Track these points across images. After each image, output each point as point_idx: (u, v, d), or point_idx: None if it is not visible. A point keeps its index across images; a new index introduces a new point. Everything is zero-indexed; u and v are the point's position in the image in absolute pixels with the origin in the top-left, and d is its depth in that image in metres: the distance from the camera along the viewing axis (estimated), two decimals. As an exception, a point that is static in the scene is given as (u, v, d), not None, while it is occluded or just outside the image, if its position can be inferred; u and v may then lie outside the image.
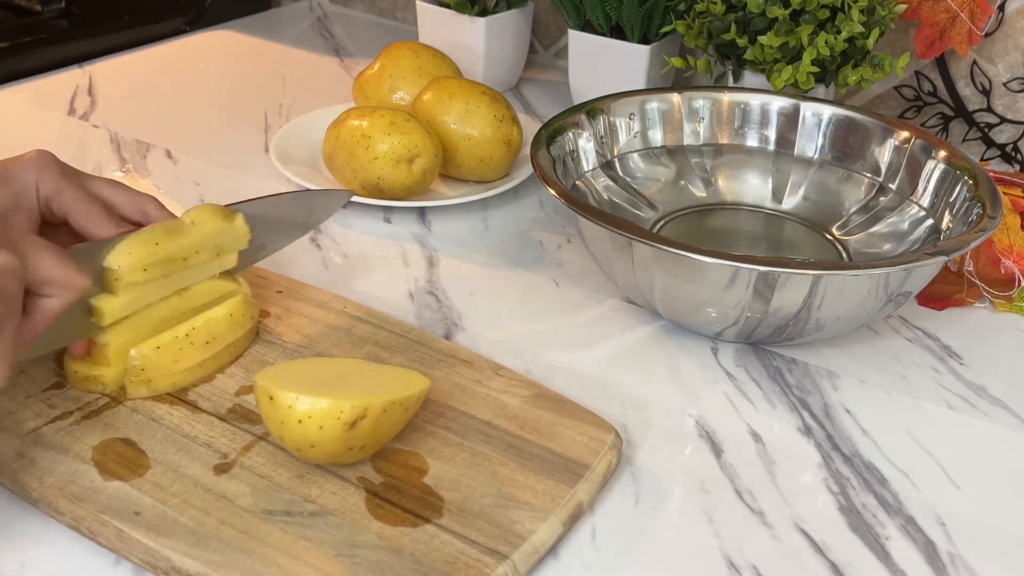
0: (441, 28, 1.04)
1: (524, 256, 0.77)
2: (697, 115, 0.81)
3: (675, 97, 0.81)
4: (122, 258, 0.55)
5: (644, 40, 0.95)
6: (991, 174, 0.81)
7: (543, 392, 0.58)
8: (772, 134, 0.81)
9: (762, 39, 0.83)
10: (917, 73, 0.97)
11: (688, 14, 0.90)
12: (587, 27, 0.97)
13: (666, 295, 0.63)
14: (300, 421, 0.49)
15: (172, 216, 0.60)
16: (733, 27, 0.85)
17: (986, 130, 0.94)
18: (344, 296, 0.67)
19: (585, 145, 0.76)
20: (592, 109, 0.77)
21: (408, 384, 0.53)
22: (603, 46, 0.95)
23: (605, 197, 0.75)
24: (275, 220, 0.65)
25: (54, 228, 0.58)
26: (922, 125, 0.98)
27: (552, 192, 0.65)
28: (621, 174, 0.78)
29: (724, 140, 0.81)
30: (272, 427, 0.50)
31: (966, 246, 0.61)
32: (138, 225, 0.60)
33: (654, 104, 0.80)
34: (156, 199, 0.60)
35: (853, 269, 0.59)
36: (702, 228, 0.76)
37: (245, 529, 0.48)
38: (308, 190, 0.68)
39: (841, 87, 0.86)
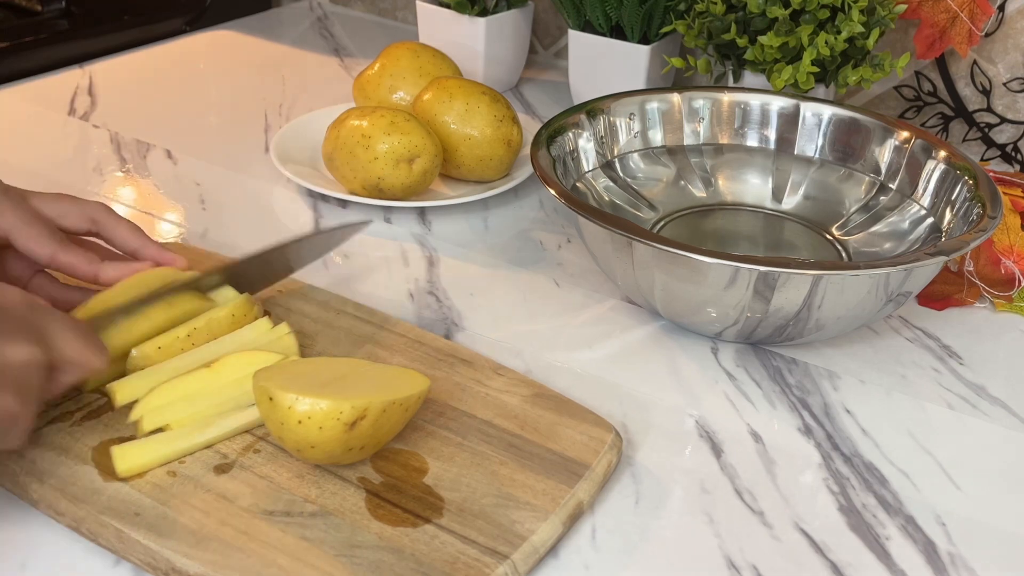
0: (441, 28, 1.04)
1: (524, 256, 0.77)
2: (697, 115, 0.81)
3: (675, 97, 0.81)
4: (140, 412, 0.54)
5: (644, 40, 0.95)
6: (991, 174, 0.81)
7: (543, 392, 0.58)
8: (772, 134, 0.81)
9: (762, 39, 0.83)
10: (917, 73, 0.97)
11: (688, 14, 0.90)
12: (587, 27, 0.97)
13: (666, 295, 0.63)
14: (300, 421, 0.49)
15: (120, 220, 0.58)
16: (733, 27, 0.85)
17: (986, 130, 0.94)
18: (344, 296, 0.67)
19: (585, 145, 0.76)
20: (592, 109, 0.77)
21: (408, 384, 0.53)
22: (603, 46, 0.95)
23: (605, 198, 0.75)
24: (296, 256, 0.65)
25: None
26: (922, 125, 0.98)
27: (552, 192, 0.65)
28: (621, 174, 0.78)
29: (724, 140, 0.81)
30: (272, 427, 0.50)
31: (966, 246, 0.61)
32: (89, 235, 0.58)
33: (654, 104, 0.80)
34: (105, 205, 0.59)
35: (853, 269, 0.59)
36: (702, 228, 0.76)
37: (245, 529, 0.48)
38: (322, 230, 0.67)
39: (841, 87, 0.86)
